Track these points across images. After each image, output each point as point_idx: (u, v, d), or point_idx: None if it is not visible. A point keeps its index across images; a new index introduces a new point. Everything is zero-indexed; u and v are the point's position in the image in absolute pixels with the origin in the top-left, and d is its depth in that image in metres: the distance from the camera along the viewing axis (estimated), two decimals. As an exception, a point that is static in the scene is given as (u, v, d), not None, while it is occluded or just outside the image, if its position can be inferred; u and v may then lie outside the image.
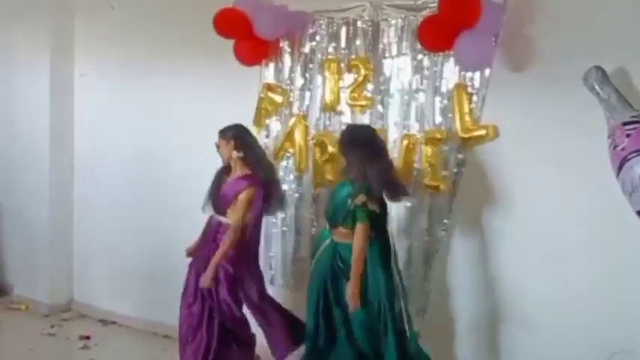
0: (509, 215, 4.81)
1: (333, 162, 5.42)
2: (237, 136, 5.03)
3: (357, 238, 4.47)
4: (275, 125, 5.77)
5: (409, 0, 5.08)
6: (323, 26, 5.49)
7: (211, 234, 5.08)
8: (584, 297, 4.53)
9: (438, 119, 5.02)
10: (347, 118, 5.42)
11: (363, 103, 5.32)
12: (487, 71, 4.76)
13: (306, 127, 5.60)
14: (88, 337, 6.30)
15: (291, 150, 5.68)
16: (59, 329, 6.61)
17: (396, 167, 4.93)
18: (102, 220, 6.89)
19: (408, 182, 5.04)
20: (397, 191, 4.69)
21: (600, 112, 4.23)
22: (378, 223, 4.58)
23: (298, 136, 5.64)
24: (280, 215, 5.66)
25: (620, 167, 4.03)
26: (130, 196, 6.64)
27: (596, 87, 4.23)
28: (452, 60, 4.86)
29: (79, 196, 7.13)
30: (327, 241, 4.77)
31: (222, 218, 5.03)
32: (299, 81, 5.65)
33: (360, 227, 4.47)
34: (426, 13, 4.91)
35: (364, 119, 5.33)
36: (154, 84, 6.46)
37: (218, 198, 5.07)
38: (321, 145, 5.49)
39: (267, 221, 5.46)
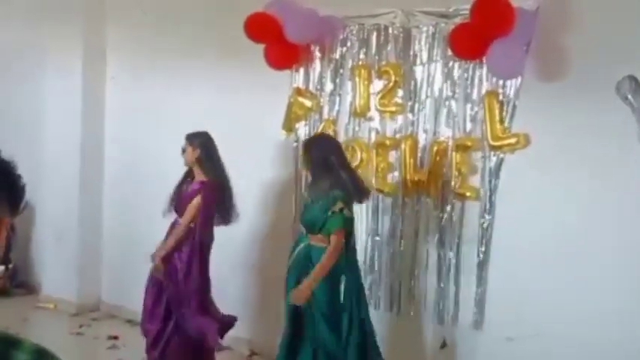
0: (537, 224, 4.77)
1: (362, 167, 5.42)
2: (203, 144, 5.26)
3: (332, 243, 4.55)
4: (304, 130, 5.79)
5: (441, 7, 5.07)
6: (354, 32, 5.50)
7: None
8: (616, 304, 4.48)
9: (469, 126, 5.00)
10: (376, 124, 5.43)
11: (393, 109, 5.32)
12: (519, 79, 4.74)
13: (336, 133, 5.61)
14: (116, 337, 6.35)
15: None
16: (87, 329, 6.67)
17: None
18: (131, 221, 6.93)
19: (437, 189, 5.06)
20: (365, 194, 4.82)
21: (633, 122, 4.18)
22: (352, 230, 4.68)
23: (327, 141, 5.65)
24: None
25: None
26: (159, 196, 6.67)
27: (629, 96, 4.17)
28: (483, 67, 4.84)
29: (108, 197, 7.20)
30: (302, 245, 4.79)
31: (179, 220, 5.31)
32: (329, 86, 5.67)
33: (337, 232, 4.54)
34: (458, 20, 4.89)
35: (394, 125, 5.33)
36: (184, 86, 6.50)
37: (178, 201, 5.35)
38: (351, 150, 5.49)
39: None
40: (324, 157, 4.68)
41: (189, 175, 5.40)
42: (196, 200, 5.21)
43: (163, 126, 6.61)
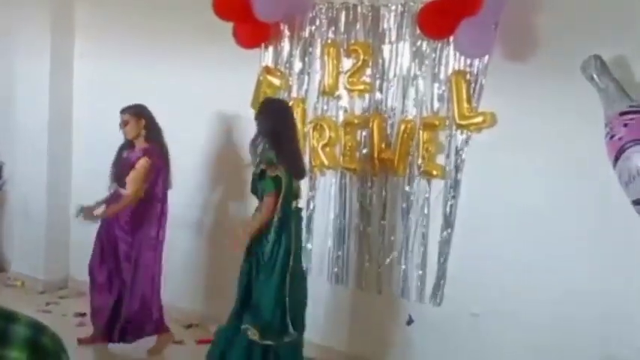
0: (503, 203, 4.82)
1: (330, 146, 5.44)
2: (147, 114, 5.47)
3: (264, 205, 4.66)
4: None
5: (410, -15, 5.08)
6: (323, 10, 5.49)
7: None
8: (581, 283, 4.56)
9: (436, 105, 5.04)
10: (345, 103, 5.44)
11: (362, 87, 5.34)
12: (486, 58, 4.78)
13: (304, 111, 5.61)
14: (84, 315, 6.32)
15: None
16: (55, 306, 6.65)
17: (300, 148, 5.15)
18: (99, 198, 6.88)
19: (404, 168, 5.11)
20: (301, 173, 4.89)
21: (598, 102, 4.23)
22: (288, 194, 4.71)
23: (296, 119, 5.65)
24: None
25: (617, 157, 4.03)
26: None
27: (595, 76, 4.22)
28: (451, 46, 4.87)
29: (76, 174, 7.15)
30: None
31: (122, 190, 5.44)
32: (298, 65, 5.67)
33: (268, 196, 4.63)
34: (426, -1, 4.91)
35: (362, 104, 5.35)
36: (153, 64, 6.47)
37: (120, 170, 5.51)
38: (319, 129, 5.50)
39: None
40: (271, 128, 4.72)
41: (127, 147, 5.55)
42: (141, 163, 5.35)
43: (132, 102, 6.55)
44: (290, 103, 5.55)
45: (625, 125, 3.99)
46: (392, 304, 5.35)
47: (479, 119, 4.84)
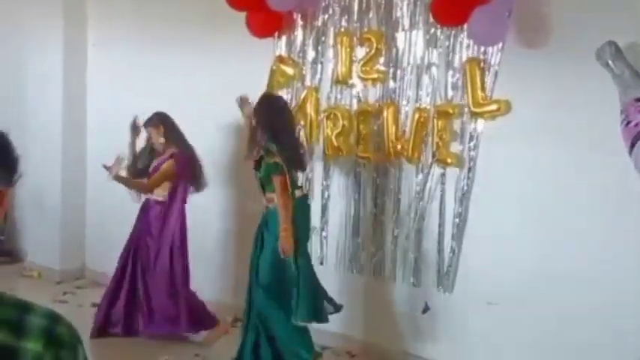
0: (518, 191, 4.81)
1: (344, 135, 5.44)
2: (162, 120, 5.66)
3: (277, 191, 4.71)
4: (286, 98, 5.77)
5: (423, -27, 5.06)
6: (336, -1, 5.48)
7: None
8: (595, 270, 4.54)
9: (450, 93, 5.02)
10: (358, 91, 5.43)
11: (375, 76, 5.33)
12: (500, 46, 4.75)
13: (318, 100, 5.61)
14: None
15: (302, 122, 5.69)
16: (72, 296, 6.69)
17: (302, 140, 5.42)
18: (114, 188, 6.90)
19: (418, 157, 5.11)
20: (301, 165, 5.07)
21: (613, 88, 4.20)
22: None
23: (309, 108, 5.65)
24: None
25: (633, 144, 3.99)
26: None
27: (610, 62, 4.18)
28: (465, 34, 4.85)
29: (91, 164, 7.18)
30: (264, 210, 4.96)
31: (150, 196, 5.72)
32: (311, 54, 5.67)
33: (275, 180, 4.70)
34: (439, -14, 4.88)
35: (376, 93, 5.34)
36: (165, 54, 6.48)
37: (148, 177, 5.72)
38: (333, 118, 5.50)
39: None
40: (270, 122, 4.81)
41: (152, 154, 5.78)
42: (165, 166, 5.60)
43: (145, 92, 6.58)
44: (304, 92, 5.56)
45: (640, 112, 3.96)
46: (407, 292, 5.35)
47: (493, 107, 4.82)
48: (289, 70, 5.73)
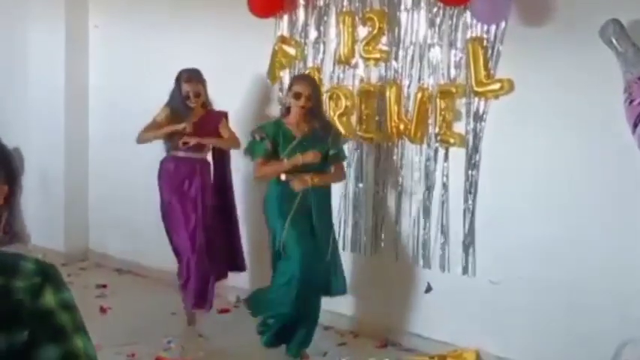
0: (522, 169, 4.81)
1: (347, 115, 5.43)
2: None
3: (337, 172, 5.11)
4: (288, 78, 5.76)
5: (425, -49, 5.03)
6: (338, -22, 5.45)
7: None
8: (601, 253, 4.54)
9: (453, 73, 5.00)
10: (361, 71, 5.42)
11: (378, 56, 5.31)
12: (503, 25, 4.73)
13: (320, 80, 5.60)
14: (104, 286, 6.40)
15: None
16: (76, 278, 6.70)
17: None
18: (117, 169, 6.94)
19: (421, 136, 5.10)
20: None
21: (616, 66, 4.19)
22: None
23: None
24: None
25: (636, 123, 4.00)
26: (145, 145, 6.67)
27: (614, 41, 4.17)
28: (467, 13, 4.83)
29: (94, 146, 7.19)
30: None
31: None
32: (313, 34, 5.64)
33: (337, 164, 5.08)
34: (442, -35, 4.86)
35: (378, 72, 5.33)
36: (167, 35, 6.46)
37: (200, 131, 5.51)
38: (335, 98, 5.49)
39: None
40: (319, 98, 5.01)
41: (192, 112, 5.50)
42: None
43: (147, 71, 6.58)
44: (307, 72, 5.55)
45: (644, 90, 3.95)
46: (409, 272, 5.36)
47: (496, 86, 4.81)
48: (291, 51, 5.71)
